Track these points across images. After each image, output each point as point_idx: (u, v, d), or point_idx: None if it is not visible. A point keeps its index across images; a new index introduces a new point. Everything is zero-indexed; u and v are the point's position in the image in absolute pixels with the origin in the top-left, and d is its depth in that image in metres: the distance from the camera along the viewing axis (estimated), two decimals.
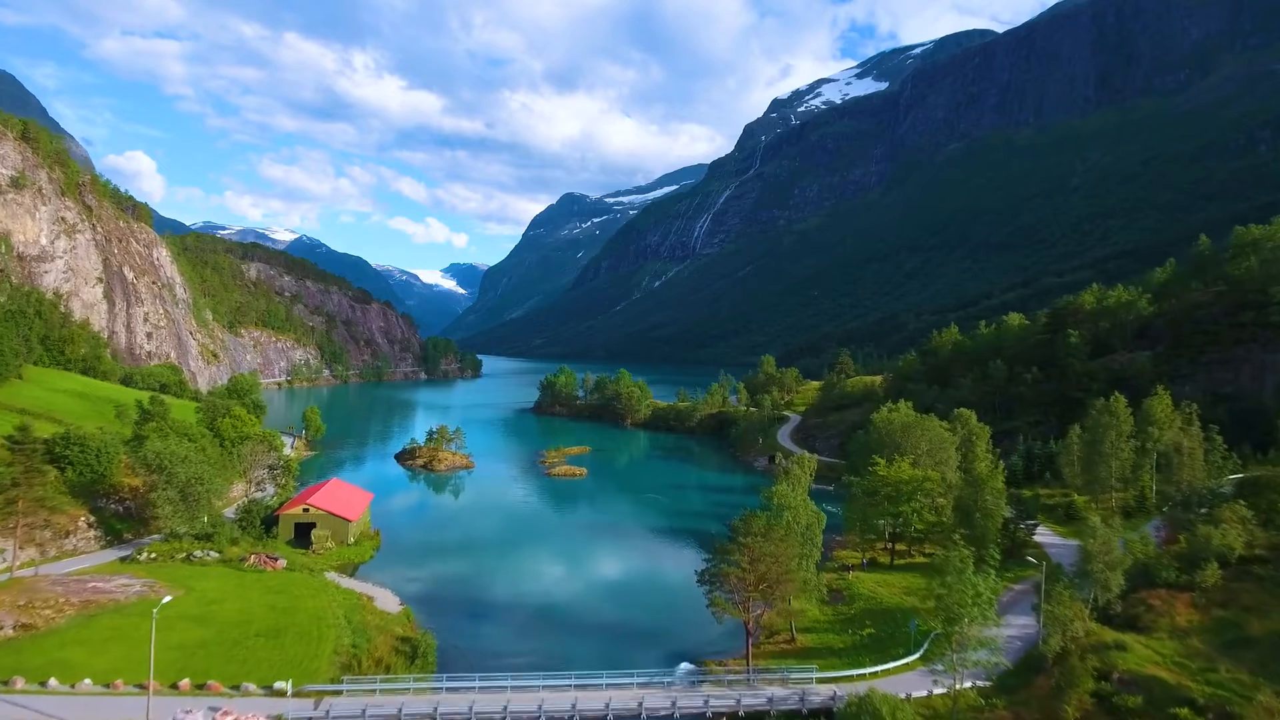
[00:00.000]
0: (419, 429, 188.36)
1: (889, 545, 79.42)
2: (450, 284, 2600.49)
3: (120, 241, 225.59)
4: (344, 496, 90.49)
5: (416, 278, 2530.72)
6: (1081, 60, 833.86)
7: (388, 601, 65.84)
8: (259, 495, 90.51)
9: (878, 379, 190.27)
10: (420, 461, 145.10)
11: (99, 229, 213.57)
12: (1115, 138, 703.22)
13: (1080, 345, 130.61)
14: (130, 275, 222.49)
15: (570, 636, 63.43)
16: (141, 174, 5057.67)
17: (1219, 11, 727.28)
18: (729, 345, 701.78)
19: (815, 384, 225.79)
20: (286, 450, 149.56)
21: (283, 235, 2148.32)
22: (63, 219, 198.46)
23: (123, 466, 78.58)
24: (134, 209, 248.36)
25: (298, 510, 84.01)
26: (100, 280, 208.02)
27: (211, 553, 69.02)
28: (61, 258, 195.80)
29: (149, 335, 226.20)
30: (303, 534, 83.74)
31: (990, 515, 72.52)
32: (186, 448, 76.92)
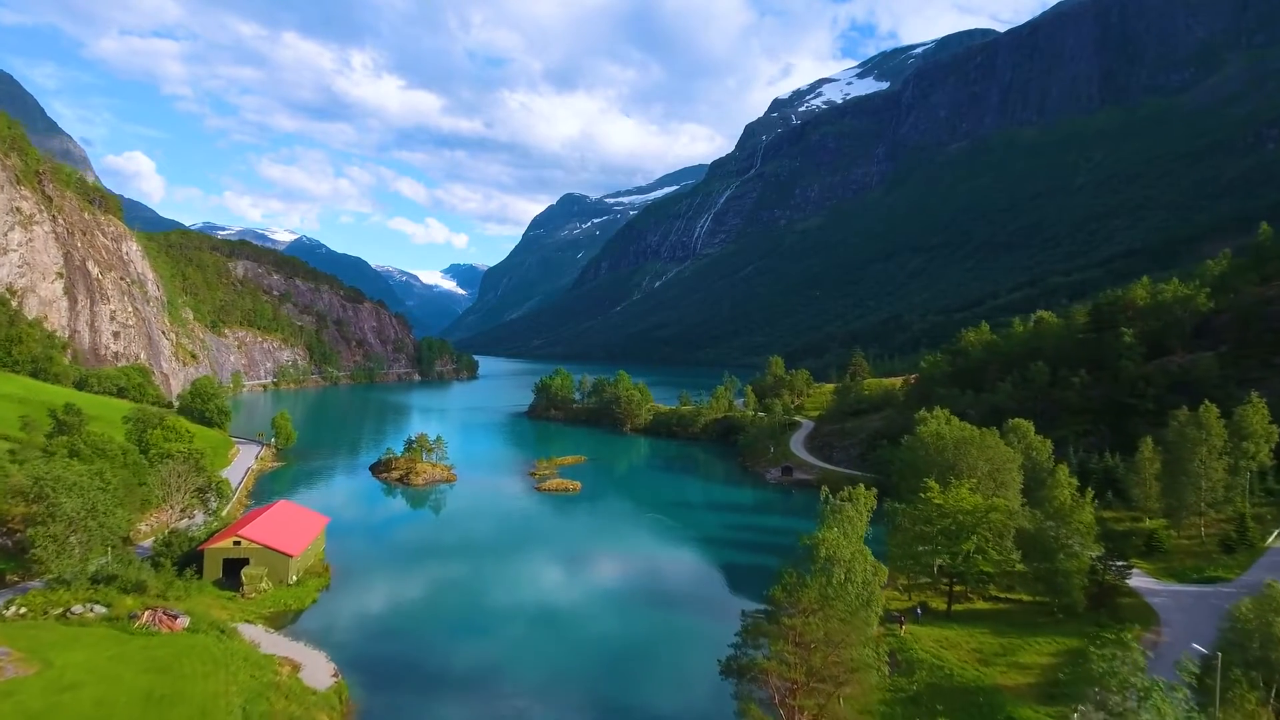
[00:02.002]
0: (405, 434, 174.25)
1: (946, 586, 64.89)
2: (450, 284, 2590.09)
3: (84, 234, 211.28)
4: (287, 524, 76.04)
5: (416, 278, 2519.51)
6: (1085, 59, 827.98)
7: (318, 670, 51.46)
8: (185, 524, 76.08)
9: (897, 381, 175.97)
10: (396, 474, 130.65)
11: (60, 221, 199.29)
12: (1120, 136, 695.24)
13: (1135, 345, 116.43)
14: (95, 270, 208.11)
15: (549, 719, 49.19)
16: (141, 174, 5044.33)
17: (1223, 10, 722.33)
18: (730, 346, 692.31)
19: (827, 386, 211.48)
20: (248, 463, 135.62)
21: (283, 236, 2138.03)
22: (18, 209, 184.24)
23: (5, 492, 64.22)
24: (102, 200, 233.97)
25: (227, 544, 69.60)
26: (60, 275, 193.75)
27: (97, 606, 54.64)
28: (16, 251, 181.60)
29: (116, 335, 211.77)
30: (234, 571, 69.47)
31: (1076, 557, 58.34)
32: (78, 471, 62.62)
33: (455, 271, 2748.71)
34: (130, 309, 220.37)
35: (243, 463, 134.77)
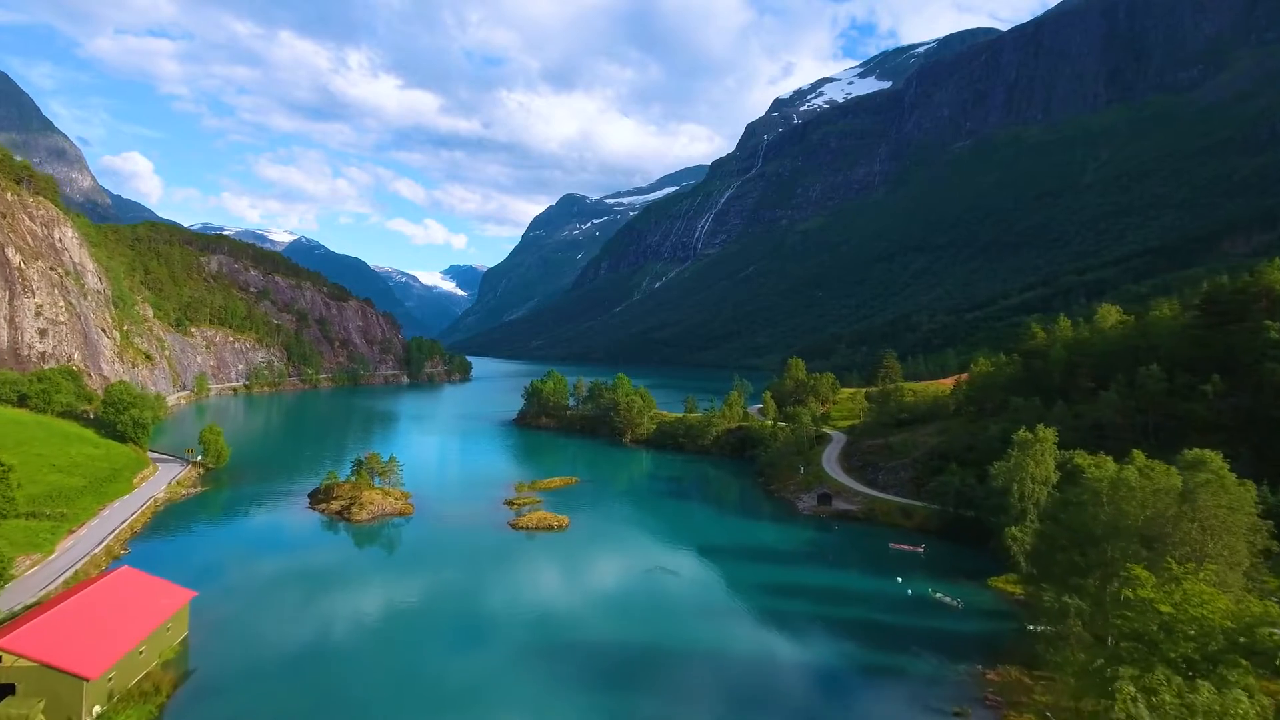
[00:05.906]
0: (379, 446, 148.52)
1: None
2: (450, 285, 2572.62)
3: (6, 217, 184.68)
4: (106, 615, 49.35)
5: (416, 279, 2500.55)
6: (1091, 57, 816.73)
7: None
8: None
9: (946, 385, 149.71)
10: (337, 505, 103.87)
11: None
12: (1128, 135, 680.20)
13: None
14: (17, 259, 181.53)
15: None
16: (139, 174, 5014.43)
17: (1231, 7, 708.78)
18: (732, 347, 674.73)
19: (855, 392, 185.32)
20: (156, 490, 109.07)
21: (281, 236, 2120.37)
22: None
23: None
24: (30, 181, 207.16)
25: None
26: None
27: None
28: None
29: (42, 332, 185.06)
30: None
31: None
32: None
33: (455, 272, 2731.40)
34: (62, 303, 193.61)
35: (149, 490, 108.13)
